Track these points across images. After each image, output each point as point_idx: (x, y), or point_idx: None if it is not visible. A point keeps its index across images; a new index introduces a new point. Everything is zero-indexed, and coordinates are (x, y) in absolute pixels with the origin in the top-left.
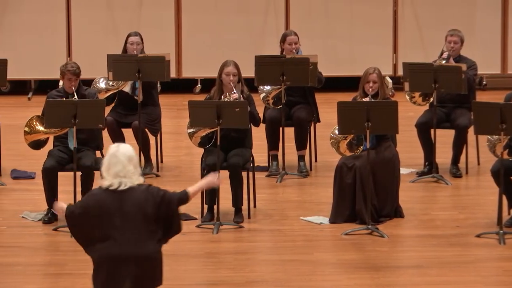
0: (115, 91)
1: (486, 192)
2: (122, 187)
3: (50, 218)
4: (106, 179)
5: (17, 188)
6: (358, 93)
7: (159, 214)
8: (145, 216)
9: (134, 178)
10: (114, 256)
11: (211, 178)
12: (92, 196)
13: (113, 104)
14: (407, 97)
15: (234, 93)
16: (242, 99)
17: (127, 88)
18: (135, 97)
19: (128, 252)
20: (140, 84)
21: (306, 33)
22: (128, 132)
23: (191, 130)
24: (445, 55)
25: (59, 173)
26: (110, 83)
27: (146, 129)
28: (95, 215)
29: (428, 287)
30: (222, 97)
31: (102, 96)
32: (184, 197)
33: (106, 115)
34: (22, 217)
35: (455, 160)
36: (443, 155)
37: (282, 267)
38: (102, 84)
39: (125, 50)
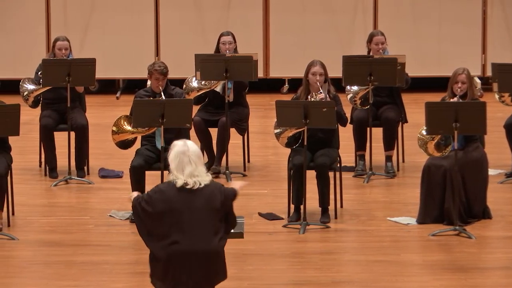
0: (207, 90)
1: None
2: (197, 186)
3: None
4: (179, 178)
5: (104, 187)
6: (447, 93)
7: (223, 210)
8: (213, 212)
9: (205, 176)
10: (183, 252)
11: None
12: (160, 193)
13: (203, 103)
14: (496, 96)
15: (321, 93)
16: (328, 99)
17: (218, 88)
18: (226, 97)
19: (197, 248)
20: (232, 84)
21: (394, 33)
22: (215, 132)
23: (278, 130)
24: None
25: (147, 172)
26: (203, 82)
27: (234, 128)
28: (161, 212)
29: None
30: (309, 97)
31: (194, 95)
32: (236, 193)
33: (193, 115)
34: (110, 216)
35: None
36: None
37: (368, 267)
38: (194, 83)
39: (217, 50)
